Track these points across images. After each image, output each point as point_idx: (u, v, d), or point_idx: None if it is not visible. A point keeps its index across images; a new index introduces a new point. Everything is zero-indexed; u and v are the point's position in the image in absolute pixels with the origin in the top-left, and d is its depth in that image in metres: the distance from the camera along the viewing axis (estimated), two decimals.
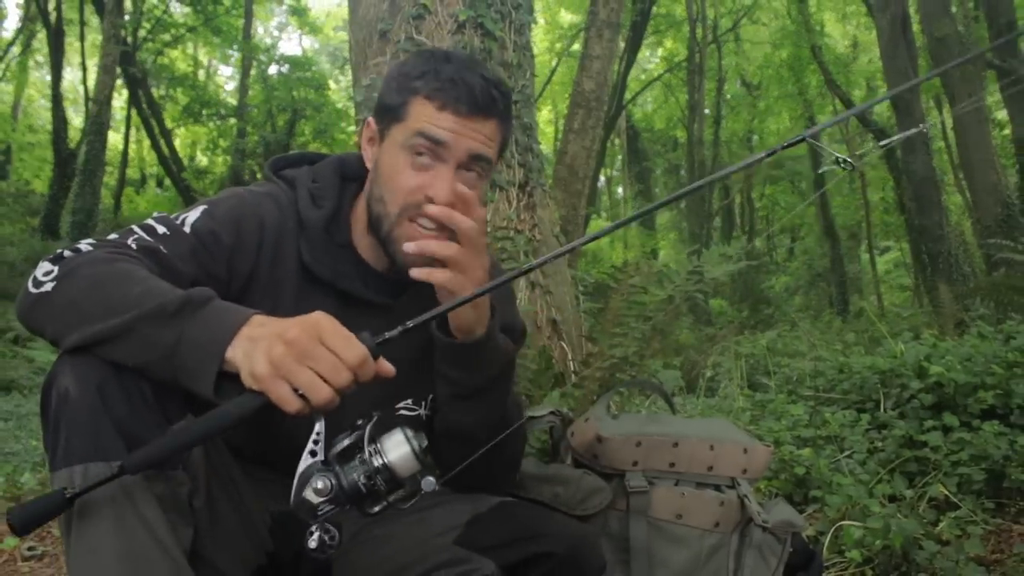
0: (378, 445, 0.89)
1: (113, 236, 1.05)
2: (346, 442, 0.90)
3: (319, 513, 0.87)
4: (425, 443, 0.91)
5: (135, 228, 1.06)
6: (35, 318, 0.96)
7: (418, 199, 1.07)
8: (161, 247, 1.03)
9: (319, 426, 0.89)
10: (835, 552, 1.81)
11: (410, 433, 0.89)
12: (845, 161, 1.06)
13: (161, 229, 1.06)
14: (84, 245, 1.00)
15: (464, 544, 1.09)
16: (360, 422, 0.93)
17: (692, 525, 1.36)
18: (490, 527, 1.11)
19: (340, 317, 1.13)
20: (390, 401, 1.20)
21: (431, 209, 1.03)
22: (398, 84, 1.12)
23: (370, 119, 1.17)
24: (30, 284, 0.96)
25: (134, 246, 1.02)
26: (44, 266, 0.97)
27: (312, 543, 0.86)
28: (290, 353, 0.86)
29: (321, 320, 0.90)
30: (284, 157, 1.25)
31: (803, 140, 1.05)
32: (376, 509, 0.90)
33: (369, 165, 1.16)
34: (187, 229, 1.07)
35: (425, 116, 1.08)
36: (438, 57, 1.12)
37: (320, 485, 0.86)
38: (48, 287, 0.94)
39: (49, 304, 0.94)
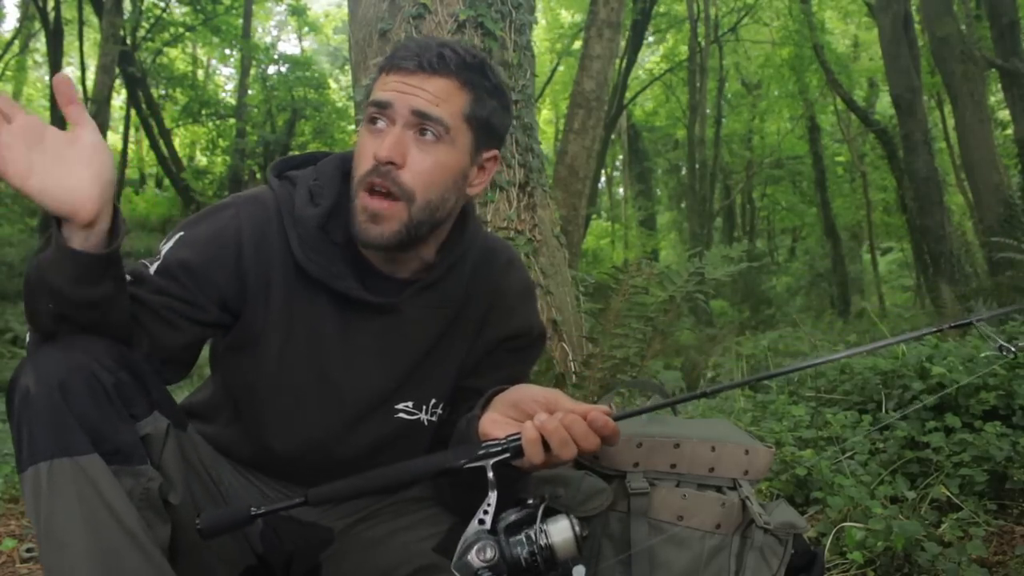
0: (544, 527, 0.92)
1: None
2: (515, 517, 0.94)
3: None
4: (586, 532, 0.95)
5: None
6: None
7: (369, 164, 1.05)
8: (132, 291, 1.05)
9: (491, 496, 0.93)
10: (836, 554, 1.81)
11: (575, 521, 0.93)
12: (1007, 348, 1.06)
13: (128, 278, 1.06)
14: None
15: (442, 551, 1.10)
16: (531, 501, 0.95)
17: (693, 527, 1.35)
18: None
19: (338, 318, 1.12)
20: (389, 401, 1.18)
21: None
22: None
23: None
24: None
25: None
26: None
27: None
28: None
29: None
30: (289, 160, 1.23)
31: (970, 324, 1.06)
32: None
33: None
34: (158, 263, 1.07)
35: (377, 86, 1.08)
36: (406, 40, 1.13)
37: (487, 554, 0.91)
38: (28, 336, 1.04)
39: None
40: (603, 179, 23.20)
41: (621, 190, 24.95)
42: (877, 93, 18.23)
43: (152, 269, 1.06)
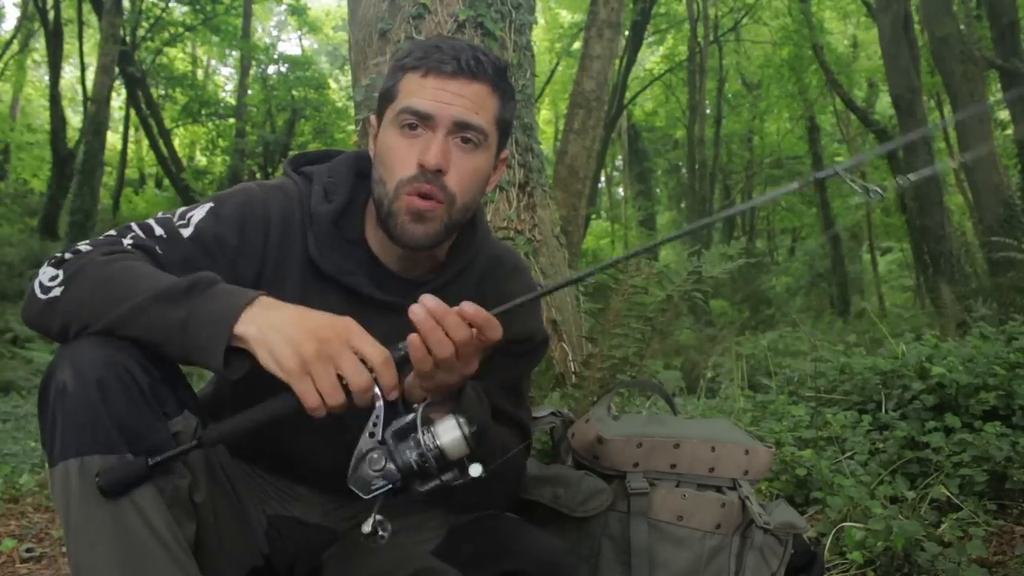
0: (432, 428, 0.92)
1: (111, 232, 1.06)
2: (402, 423, 0.94)
3: (373, 488, 0.90)
4: (476, 429, 0.94)
5: (133, 226, 1.07)
6: (45, 322, 0.98)
7: (411, 170, 1.06)
8: (156, 248, 1.04)
9: (379, 408, 0.92)
10: (836, 554, 1.81)
11: (462, 420, 0.93)
12: (875, 191, 1.04)
13: (159, 231, 1.06)
14: (83, 246, 1.02)
15: (440, 554, 1.10)
16: (416, 405, 0.95)
17: (693, 527, 1.35)
18: (466, 540, 1.11)
19: (346, 314, 1.12)
20: None
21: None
22: (391, 70, 1.13)
23: (371, 116, 1.17)
24: (37, 290, 0.98)
25: (130, 244, 1.03)
26: (48, 271, 0.99)
27: (367, 528, 0.90)
28: (320, 352, 0.89)
29: (351, 323, 0.93)
30: (305, 154, 1.24)
31: (836, 175, 1.04)
32: (427, 487, 0.93)
33: (372, 157, 1.16)
34: (190, 231, 1.07)
35: (411, 88, 1.08)
36: (429, 40, 1.13)
37: (379, 463, 0.90)
38: (57, 292, 0.96)
39: (59, 307, 0.96)
40: (603, 179, 23.20)
41: (621, 190, 24.94)
42: (877, 93, 18.23)
43: (185, 235, 1.07)
